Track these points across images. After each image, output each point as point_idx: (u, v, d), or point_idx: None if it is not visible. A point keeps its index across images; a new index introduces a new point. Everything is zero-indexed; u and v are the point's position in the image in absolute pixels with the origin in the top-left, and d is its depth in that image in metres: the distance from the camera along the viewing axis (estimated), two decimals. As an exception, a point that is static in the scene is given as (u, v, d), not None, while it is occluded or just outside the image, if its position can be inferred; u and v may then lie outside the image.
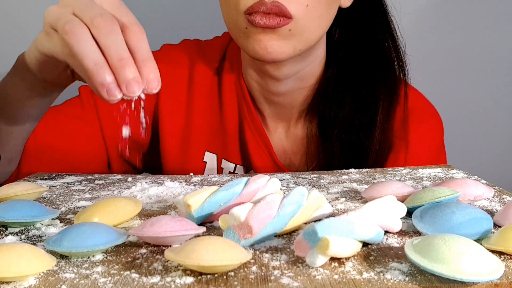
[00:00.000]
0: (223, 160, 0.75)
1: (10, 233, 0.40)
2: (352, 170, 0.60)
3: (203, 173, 0.74)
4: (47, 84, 0.54)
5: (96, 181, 0.57)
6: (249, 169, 0.74)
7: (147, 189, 0.52)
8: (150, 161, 0.77)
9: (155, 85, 0.42)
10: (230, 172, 0.74)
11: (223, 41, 0.77)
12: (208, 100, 0.74)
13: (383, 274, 0.31)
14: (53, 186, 0.55)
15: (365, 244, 0.36)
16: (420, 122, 0.73)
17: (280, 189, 0.45)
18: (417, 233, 0.38)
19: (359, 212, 0.36)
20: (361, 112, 0.69)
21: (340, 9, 0.68)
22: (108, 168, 0.74)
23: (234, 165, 0.74)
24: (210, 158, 0.74)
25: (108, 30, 0.41)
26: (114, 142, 0.72)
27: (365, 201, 0.46)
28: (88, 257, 0.34)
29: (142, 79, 0.41)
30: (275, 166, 0.73)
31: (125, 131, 0.46)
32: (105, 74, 0.40)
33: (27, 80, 0.54)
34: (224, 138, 0.74)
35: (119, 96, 0.41)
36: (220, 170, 0.75)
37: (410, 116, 0.72)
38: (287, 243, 0.37)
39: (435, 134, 0.75)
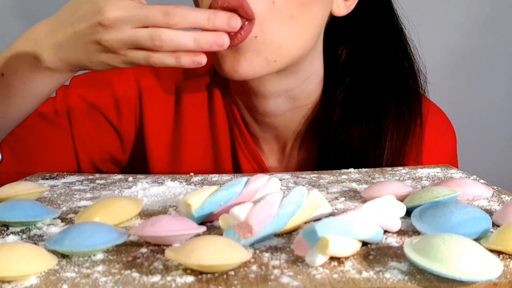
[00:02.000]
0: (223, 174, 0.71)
1: (12, 233, 0.40)
2: (351, 170, 0.60)
3: None
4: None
5: (97, 181, 0.57)
6: None
7: (147, 189, 0.52)
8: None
9: None
10: None
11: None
12: (198, 121, 0.69)
13: (383, 273, 0.31)
14: (54, 186, 0.55)
15: (364, 244, 0.36)
16: (434, 142, 0.68)
17: (280, 189, 0.45)
18: (416, 232, 0.38)
19: (358, 211, 0.36)
20: (369, 147, 0.63)
21: (349, 28, 0.63)
22: None
23: None
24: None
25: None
26: (86, 155, 0.68)
27: (364, 200, 0.47)
28: (89, 257, 0.35)
29: None
30: None
31: None
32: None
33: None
34: (216, 160, 0.70)
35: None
36: None
37: (425, 131, 0.66)
38: (287, 242, 0.37)
39: (449, 147, 0.71)
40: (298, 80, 0.63)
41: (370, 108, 0.64)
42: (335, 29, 0.66)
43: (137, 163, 0.71)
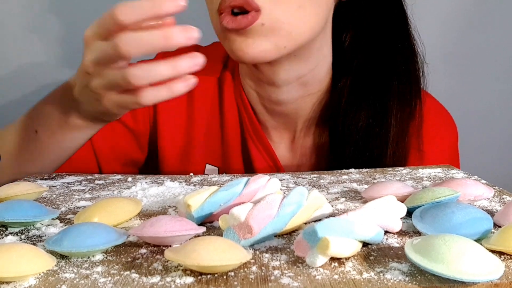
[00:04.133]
0: (224, 173, 0.72)
1: (10, 233, 0.40)
2: (352, 170, 0.60)
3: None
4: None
5: (96, 181, 0.57)
6: None
7: (147, 189, 0.52)
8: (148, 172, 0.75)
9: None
10: None
11: (224, 48, 0.74)
12: (209, 112, 0.71)
13: (383, 274, 0.31)
14: (53, 186, 0.55)
15: (365, 244, 0.36)
16: (435, 132, 0.69)
17: (280, 189, 0.45)
18: (417, 233, 0.38)
19: (359, 212, 0.36)
20: (375, 126, 0.65)
21: (352, 13, 0.64)
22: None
23: None
24: (211, 171, 0.72)
25: None
26: (104, 152, 0.70)
27: (365, 201, 0.46)
28: (88, 257, 0.34)
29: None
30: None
31: None
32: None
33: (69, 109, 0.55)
34: (225, 151, 0.71)
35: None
36: None
37: (424, 125, 0.68)
38: (287, 243, 0.37)
39: (449, 142, 0.72)
40: (308, 66, 0.64)
41: (375, 90, 0.66)
42: (341, 15, 0.67)
43: (151, 160, 0.73)
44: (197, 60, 0.46)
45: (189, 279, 0.31)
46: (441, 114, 0.73)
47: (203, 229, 0.37)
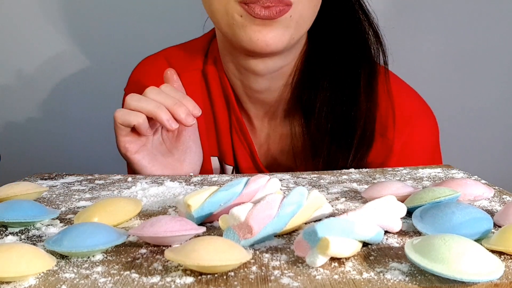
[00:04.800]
0: (223, 162, 0.74)
1: (10, 233, 0.40)
2: (352, 170, 0.60)
3: None
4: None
5: (96, 181, 0.57)
6: (238, 172, 0.74)
7: (147, 189, 0.52)
8: None
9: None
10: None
11: (203, 42, 0.75)
12: (201, 106, 0.72)
13: (383, 274, 0.31)
14: (53, 186, 0.55)
15: (365, 244, 0.36)
16: (414, 124, 0.70)
17: (280, 189, 0.44)
18: (417, 233, 0.38)
19: (359, 212, 0.36)
20: (340, 91, 0.67)
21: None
22: None
23: (232, 167, 0.74)
24: (214, 162, 0.74)
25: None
26: None
27: (365, 201, 0.46)
28: (88, 257, 0.34)
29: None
30: (257, 167, 0.72)
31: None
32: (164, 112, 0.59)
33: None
34: (220, 140, 0.74)
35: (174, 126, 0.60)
36: (226, 172, 0.74)
37: (403, 116, 0.69)
38: (287, 243, 0.37)
39: (430, 135, 0.72)
40: (290, 57, 0.67)
41: (335, 58, 0.68)
42: None
43: None
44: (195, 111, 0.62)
45: (189, 279, 0.31)
46: (420, 105, 0.72)
47: (203, 229, 0.37)
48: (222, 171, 0.75)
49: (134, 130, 0.61)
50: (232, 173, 0.74)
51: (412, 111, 0.70)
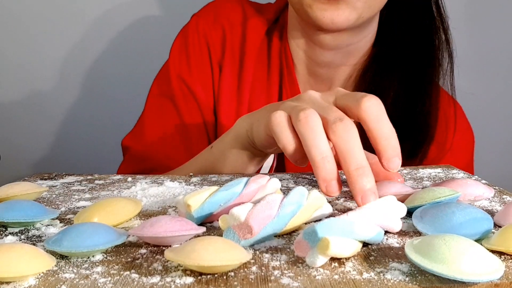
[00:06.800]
0: None
1: (10, 233, 0.40)
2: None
3: None
4: (266, 154, 0.57)
5: (96, 181, 0.57)
6: None
7: (147, 189, 0.52)
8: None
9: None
10: None
11: (278, 5, 0.77)
12: (255, 66, 0.74)
13: (383, 274, 0.31)
14: (53, 186, 0.55)
15: (365, 244, 0.36)
16: (463, 131, 0.73)
17: (280, 189, 0.44)
18: (417, 233, 0.38)
19: (359, 212, 0.36)
20: (408, 91, 0.68)
21: None
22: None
23: None
24: None
25: (347, 134, 0.41)
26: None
27: (365, 201, 0.46)
28: (88, 257, 0.34)
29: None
30: None
31: None
32: (330, 170, 0.41)
33: (247, 150, 0.57)
34: (265, 101, 0.73)
35: (336, 194, 0.42)
36: None
37: (454, 122, 0.71)
38: (287, 243, 0.37)
39: (471, 147, 0.76)
40: (361, 36, 0.68)
41: (406, 62, 0.69)
42: None
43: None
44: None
45: (189, 279, 0.31)
46: (465, 116, 0.76)
47: (203, 229, 0.37)
48: None
49: None
50: None
51: (462, 121, 0.74)
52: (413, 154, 0.67)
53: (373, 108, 0.42)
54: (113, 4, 1.06)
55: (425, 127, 0.68)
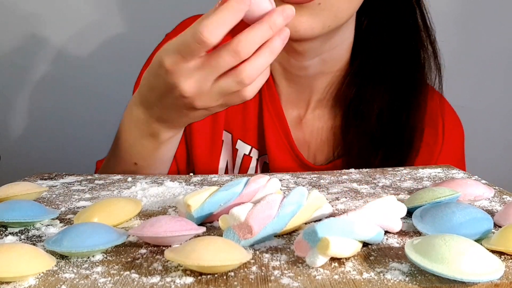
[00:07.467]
0: (238, 140, 0.73)
1: (10, 233, 0.40)
2: (352, 170, 0.60)
3: (220, 153, 0.73)
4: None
5: (96, 181, 0.57)
6: (263, 153, 0.72)
7: (147, 189, 0.52)
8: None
9: None
10: (245, 155, 0.73)
11: None
12: None
13: (383, 274, 0.31)
14: (53, 186, 0.55)
15: (365, 244, 0.36)
16: (453, 128, 0.72)
17: (280, 189, 0.44)
18: (417, 233, 0.38)
19: (359, 212, 0.36)
20: (394, 104, 0.68)
21: None
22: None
23: (250, 147, 0.73)
24: (226, 137, 0.73)
25: None
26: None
27: (365, 201, 0.46)
28: (88, 257, 0.34)
29: None
30: (293, 156, 0.71)
31: None
32: None
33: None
34: (243, 116, 0.73)
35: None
36: (235, 151, 0.73)
37: (442, 123, 0.71)
38: (287, 243, 0.37)
39: (461, 142, 0.75)
40: (333, 44, 0.67)
41: (392, 70, 0.68)
42: None
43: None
44: (288, 12, 0.47)
45: (189, 279, 0.31)
46: (455, 113, 0.75)
47: (203, 229, 0.37)
48: (232, 149, 0.73)
49: None
50: (249, 153, 0.73)
51: (452, 118, 0.73)
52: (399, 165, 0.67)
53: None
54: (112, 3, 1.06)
55: (410, 140, 0.68)
